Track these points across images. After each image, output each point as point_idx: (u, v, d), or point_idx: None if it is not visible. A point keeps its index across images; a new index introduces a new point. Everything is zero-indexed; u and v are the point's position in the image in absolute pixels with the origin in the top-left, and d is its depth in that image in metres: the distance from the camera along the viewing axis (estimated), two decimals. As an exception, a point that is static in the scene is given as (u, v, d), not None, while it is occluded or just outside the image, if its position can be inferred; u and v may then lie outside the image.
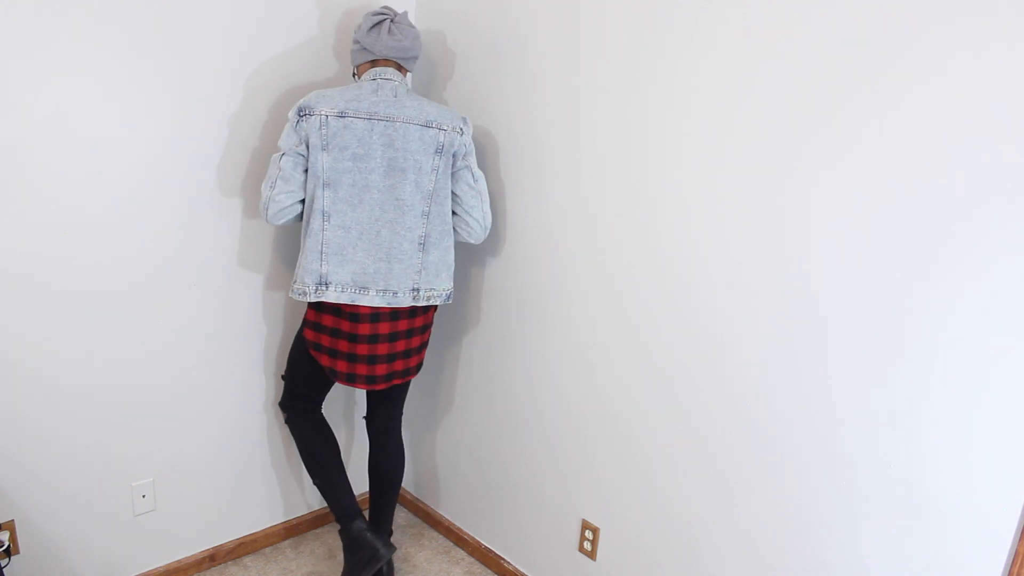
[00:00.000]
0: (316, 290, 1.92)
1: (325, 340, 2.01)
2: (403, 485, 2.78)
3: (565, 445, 2.12)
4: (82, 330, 1.91)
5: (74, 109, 1.76)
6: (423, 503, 2.68)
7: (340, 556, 2.44)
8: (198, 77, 1.94)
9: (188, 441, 2.19)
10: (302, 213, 1.96)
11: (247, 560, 2.40)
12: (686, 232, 1.73)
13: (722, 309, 1.70)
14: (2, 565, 1.85)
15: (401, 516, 2.71)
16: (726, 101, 1.61)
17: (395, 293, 1.96)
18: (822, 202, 1.49)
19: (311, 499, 2.57)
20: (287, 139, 1.89)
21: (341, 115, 1.86)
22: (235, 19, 1.97)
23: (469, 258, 2.31)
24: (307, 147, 1.88)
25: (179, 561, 2.27)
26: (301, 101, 1.88)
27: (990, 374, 1.32)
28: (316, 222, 1.90)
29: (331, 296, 1.92)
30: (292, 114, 1.88)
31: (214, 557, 2.35)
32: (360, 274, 1.93)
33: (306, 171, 1.91)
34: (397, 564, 2.43)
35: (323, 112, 1.86)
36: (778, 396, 1.63)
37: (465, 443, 2.46)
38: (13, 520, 1.91)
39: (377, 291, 1.94)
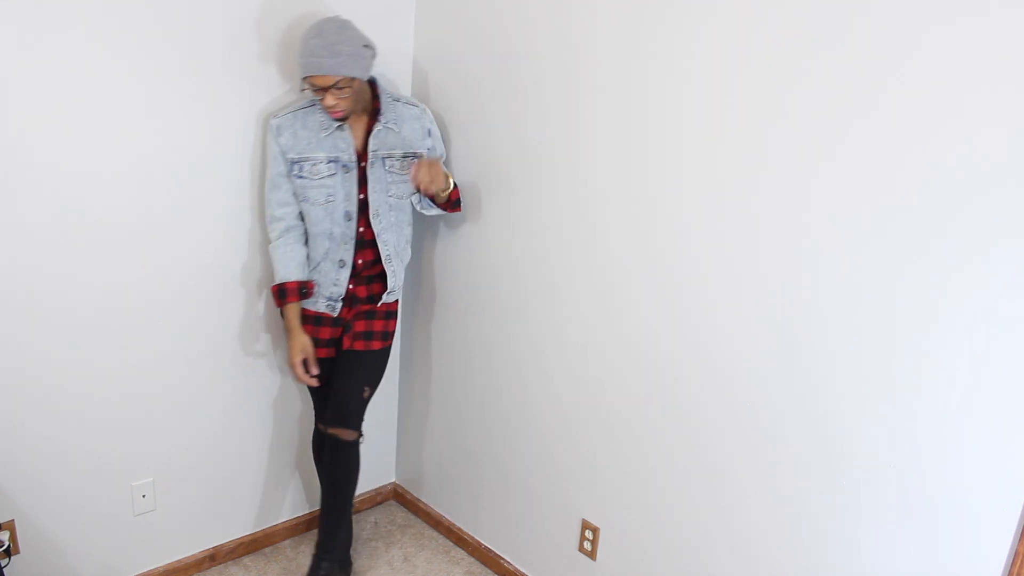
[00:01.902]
0: None
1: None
2: (404, 485, 2.78)
3: (565, 445, 2.12)
4: (82, 330, 1.91)
5: (82, 111, 1.76)
6: (423, 503, 2.68)
7: (340, 556, 2.44)
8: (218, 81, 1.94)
9: (188, 441, 2.19)
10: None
11: (247, 560, 2.40)
12: (684, 231, 1.73)
13: (722, 309, 1.69)
14: (2, 565, 1.85)
15: (401, 516, 2.71)
16: (723, 97, 1.61)
17: None
18: (819, 202, 1.49)
19: (310, 499, 2.57)
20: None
21: None
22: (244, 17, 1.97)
23: (466, 256, 2.31)
24: None
25: (179, 561, 2.27)
26: None
27: (990, 374, 1.32)
28: None
29: None
30: None
31: (214, 557, 2.35)
32: None
33: None
34: (398, 564, 2.43)
35: None
36: (778, 397, 1.63)
37: (465, 443, 2.46)
38: (13, 520, 1.91)
39: None
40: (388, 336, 2.19)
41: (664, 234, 1.78)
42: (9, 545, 1.88)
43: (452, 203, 2.17)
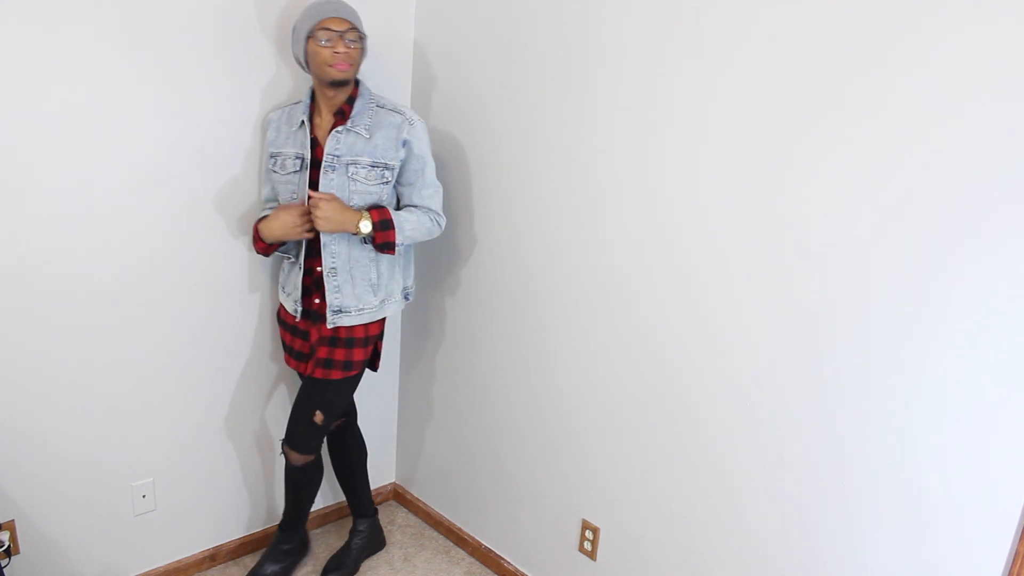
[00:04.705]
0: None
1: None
2: (404, 485, 2.78)
3: (565, 445, 2.12)
4: (82, 330, 1.91)
5: (78, 109, 1.76)
6: (423, 503, 2.69)
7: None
8: (204, 78, 1.94)
9: (188, 441, 2.19)
10: None
11: (247, 560, 2.40)
12: (689, 230, 1.73)
13: (724, 309, 1.69)
14: (2, 565, 1.85)
15: (401, 516, 2.71)
16: (726, 97, 1.61)
17: None
18: (819, 201, 1.49)
19: (311, 499, 2.57)
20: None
21: None
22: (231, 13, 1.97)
23: (465, 254, 2.31)
24: None
25: (179, 561, 2.27)
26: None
27: (989, 374, 1.32)
28: None
29: None
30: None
31: (214, 557, 2.35)
32: None
33: None
34: (398, 564, 2.43)
35: None
36: (779, 397, 1.63)
37: (465, 443, 2.46)
38: (13, 520, 1.91)
39: None
40: (351, 365, 2.03)
41: (670, 235, 1.78)
42: (9, 545, 1.88)
43: (379, 245, 1.95)
